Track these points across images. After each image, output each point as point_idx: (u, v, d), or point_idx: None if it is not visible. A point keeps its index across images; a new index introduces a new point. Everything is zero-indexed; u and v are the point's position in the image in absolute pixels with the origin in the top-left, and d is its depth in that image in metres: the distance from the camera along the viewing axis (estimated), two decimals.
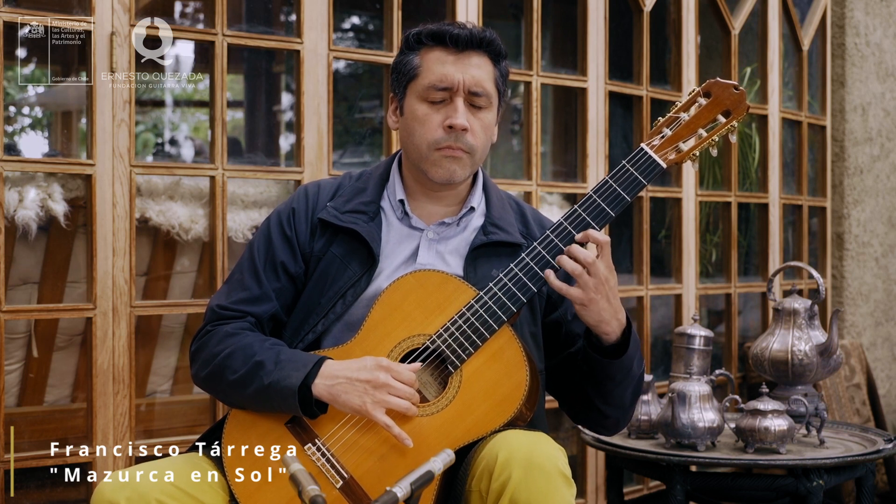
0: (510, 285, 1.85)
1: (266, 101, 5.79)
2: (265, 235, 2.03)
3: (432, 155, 1.95)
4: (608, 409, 1.99)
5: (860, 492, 2.72)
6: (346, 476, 1.79)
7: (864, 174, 4.39)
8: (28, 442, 2.84)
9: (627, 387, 1.96)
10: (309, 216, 2.03)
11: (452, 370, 1.84)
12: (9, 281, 2.49)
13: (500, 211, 2.05)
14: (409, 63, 1.97)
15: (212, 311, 1.99)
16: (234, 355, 1.87)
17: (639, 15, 3.51)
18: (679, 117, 1.93)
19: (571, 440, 3.36)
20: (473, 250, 1.99)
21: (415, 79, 1.97)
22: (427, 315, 1.88)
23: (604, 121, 3.37)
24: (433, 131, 1.94)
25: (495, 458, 1.71)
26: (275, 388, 1.80)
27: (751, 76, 4.13)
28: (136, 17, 2.50)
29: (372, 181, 2.06)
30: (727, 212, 3.87)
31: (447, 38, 1.94)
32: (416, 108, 1.96)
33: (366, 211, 2.01)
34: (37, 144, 7.79)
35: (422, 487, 1.48)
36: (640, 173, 1.90)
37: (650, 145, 1.92)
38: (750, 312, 4.17)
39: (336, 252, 1.98)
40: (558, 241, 1.87)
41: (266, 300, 1.98)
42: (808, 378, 2.84)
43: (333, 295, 1.95)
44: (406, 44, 2.00)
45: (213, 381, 1.92)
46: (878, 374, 4.36)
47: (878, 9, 4.43)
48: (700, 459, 2.61)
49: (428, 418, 1.82)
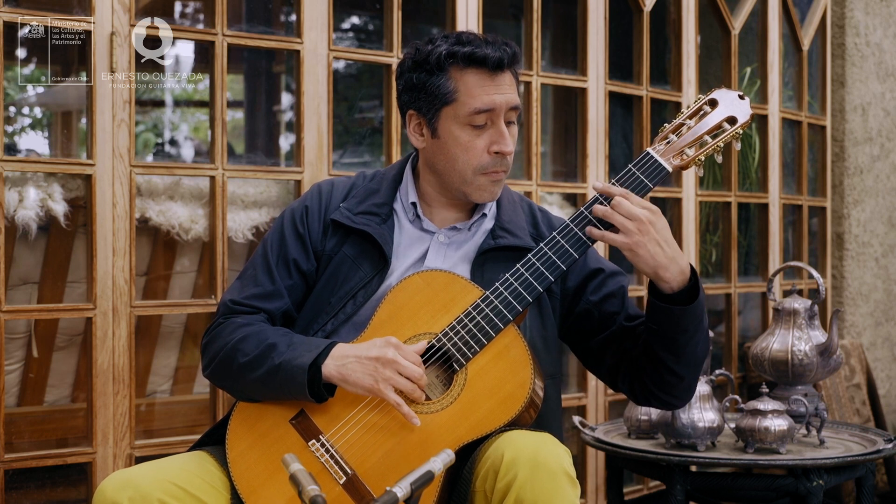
0: (516, 285, 1.86)
1: (266, 101, 5.79)
2: (278, 232, 2.04)
3: (477, 180, 1.96)
4: (681, 369, 1.93)
5: (860, 492, 2.72)
6: (349, 472, 1.80)
7: (864, 174, 4.39)
8: (28, 442, 2.84)
9: (700, 340, 1.93)
10: (322, 215, 2.03)
11: (458, 368, 1.85)
12: (9, 281, 2.49)
13: (510, 214, 2.05)
14: (444, 87, 1.93)
15: (224, 306, 1.99)
16: (247, 339, 1.88)
17: (639, 15, 3.52)
18: (685, 124, 1.96)
19: (571, 440, 3.36)
20: (481, 254, 1.99)
21: (451, 103, 1.93)
22: (433, 314, 1.89)
23: (604, 121, 3.37)
24: (478, 157, 1.94)
25: (501, 458, 1.71)
26: (285, 366, 1.81)
27: (751, 76, 4.13)
28: (136, 17, 2.50)
29: (385, 182, 2.06)
30: (727, 212, 3.87)
31: (487, 61, 1.91)
32: (459, 135, 1.94)
33: (378, 213, 2.01)
34: (37, 144, 7.79)
35: (422, 487, 1.48)
36: (647, 176, 1.91)
37: (656, 150, 1.93)
38: (750, 312, 4.18)
39: (348, 252, 1.99)
40: (564, 242, 1.88)
41: (278, 297, 1.98)
42: (808, 378, 2.84)
43: (344, 295, 1.96)
44: (434, 63, 1.94)
45: (223, 368, 1.91)
46: (878, 374, 4.36)
47: (878, 9, 4.43)
48: (700, 459, 2.61)
49: (433, 415, 1.83)
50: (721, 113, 1.96)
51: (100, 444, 2.46)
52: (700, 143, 1.94)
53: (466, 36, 1.96)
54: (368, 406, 1.85)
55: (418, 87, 1.97)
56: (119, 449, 2.48)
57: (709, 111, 1.96)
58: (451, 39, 1.96)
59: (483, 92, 1.92)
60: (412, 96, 1.99)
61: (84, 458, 2.46)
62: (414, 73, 1.97)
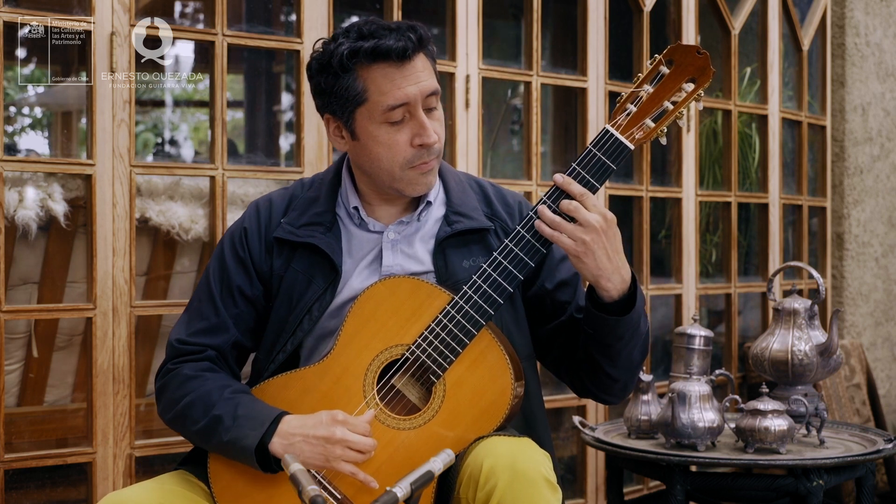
0: (485, 287, 1.80)
1: (266, 101, 5.80)
2: (219, 259, 1.98)
3: (406, 175, 1.89)
4: (617, 372, 1.91)
5: (860, 492, 2.72)
6: (339, 497, 1.77)
7: (864, 174, 4.39)
8: (28, 442, 2.84)
9: (636, 346, 1.89)
10: (262, 234, 1.98)
11: (435, 380, 1.80)
12: (9, 281, 2.49)
13: (461, 197, 1.99)
14: (352, 88, 1.85)
15: (172, 347, 1.95)
16: (193, 405, 1.85)
17: (639, 15, 3.52)
18: (642, 90, 1.82)
19: (571, 440, 3.37)
20: (440, 243, 1.94)
21: (363, 103, 1.86)
22: (402, 324, 1.83)
23: (604, 121, 3.37)
24: (402, 152, 1.87)
25: (480, 467, 1.69)
26: (233, 445, 1.79)
27: (751, 76, 4.13)
28: (136, 17, 2.50)
29: (324, 188, 2.00)
30: (727, 212, 3.87)
31: (391, 53, 1.82)
32: (377, 134, 1.87)
33: (322, 222, 1.95)
34: (37, 144, 7.80)
35: (422, 487, 1.48)
36: (609, 158, 1.79)
37: (615, 125, 1.81)
38: (750, 312, 4.17)
39: (298, 268, 1.94)
40: (529, 236, 1.81)
41: (224, 330, 1.94)
42: (808, 378, 2.84)
43: (300, 312, 1.91)
44: (337, 66, 1.85)
45: (177, 427, 1.91)
46: (878, 374, 4.36)
47: (878, 9, 4.43)
48: (700, 459, 2.60)
49: (415, 431, 1.80)
50: (679, 73, 1.82)
51: (100, 444, 2.46)
52: (662, 111, 1.82)
53: (368, 27, 1.86)
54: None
55: (327, 92, 1.89)
56: (119, 449, 2.48)
57: (666, 72, 1.82)
58: (352, 34, 1.86)
59: (394, 87, 1.83)
60: (324, 100, 1.92)
61: (84, 458, 2.46)
62: (321, 76, 1.90)
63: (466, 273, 1.91)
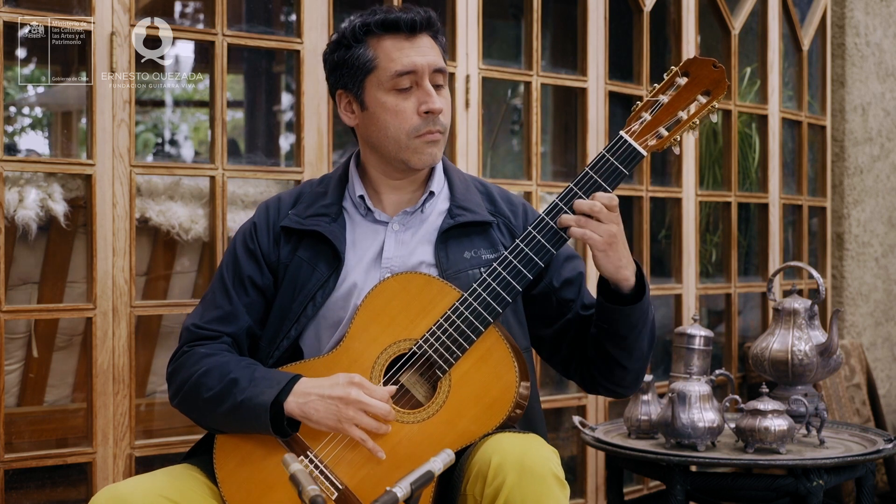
0: (494, 285, 1.83)
1: (266, 101, 5.80)
2: (231, 253, 2.04)
3: (413, 143, 1.94)
4: (631, 363, 1.95)
5: (860, 492, 2.72)
6: (340, 487, 1.78)
7: (864, 174, 4.39)
8: (28, 442, 2.84)
9: (647, 334, 1.94)
10: (270, 227, 2.03)
11: (441, 375, 1.82)
12: (9, 281, 2.49)
13: (464, 193, 2.04)
14: (363, 56, 1.94)
15: (187, 331, 1.98)
16: (209, 373, 1.87)
17: (639, 15, 3.52)
18: (658, 100, 1.88)
19: (571, 440, 3.37)
20: (442, 234, 1.97)
21: (373, 71, 1.93)
22: (412, 318, 1.85)
23: (604, 121, 3.37)
24: (409, 119, 1.93)
25: (488, 463, 1.69)
26: (247, 404, 1.79)
27: (751, 76, 4.13)
28: (136, 17, 2.50)
29: (332, 184, 2.05)
30: (727, 212, 3.87)
31: (400, 24, 1.92)
32: (385, 101, 1.93)
33: (327, 213, 2.00)
34: (37, 144, 7.80)
35: (422, 487, 1.48)
36: (621, 163, 1.85)
37: (630, 132, 1.87)
38: (750, 312, 4.18)
39: (303, 256, 1.98)
40: (540, 237, 1.85)
41: (238, 317, 1.97)
42: (808, 378, 2.84)
43: (304, 299, 1.94)
44: (350, 37, 1.95)
45: (188, 401, 1.91)
46: (878, 374, 4.36)
47: (878, 9, 4.43)
48: (700, 459, 2.60)
49: (419, 425, 1.81)
50: (695, 85, 1.87)
51: (100, 444, 2.46)
52: (676, 121, 1.87)
53: (380, 7, 1.97)
54: None
55: (340, 64, 1.97)
56: (119, 449, 2.48)
57: (682, 84, 1.88)
58: (365, 13, 1.97)
59: (402, 54, 1.92)
60: (337, 76, 1.99)
61: (84, 458, 2.46)
62: (335, 52, 1.99)
63: (468, 264, 1.95)
